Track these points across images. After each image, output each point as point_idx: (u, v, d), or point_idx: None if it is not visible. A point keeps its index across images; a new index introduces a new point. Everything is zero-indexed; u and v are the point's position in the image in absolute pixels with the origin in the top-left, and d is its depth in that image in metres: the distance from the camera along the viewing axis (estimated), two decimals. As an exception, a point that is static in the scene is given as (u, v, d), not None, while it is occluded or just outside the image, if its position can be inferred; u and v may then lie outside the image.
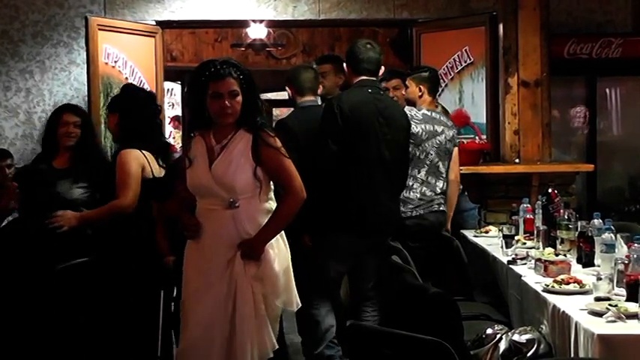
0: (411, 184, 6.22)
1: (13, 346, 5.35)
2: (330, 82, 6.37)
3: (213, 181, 4.24)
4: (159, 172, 5.41)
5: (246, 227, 4.26)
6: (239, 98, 4.25)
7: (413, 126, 6.13)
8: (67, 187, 5.46)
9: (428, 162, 6.36)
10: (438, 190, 6.42)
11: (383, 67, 5.78)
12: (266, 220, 4.30)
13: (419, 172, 6.34)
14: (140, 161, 5.34)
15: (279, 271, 4.32)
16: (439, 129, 6.44)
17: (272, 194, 4.41)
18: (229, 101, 4.23)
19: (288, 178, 4.33)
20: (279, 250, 4.36)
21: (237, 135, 4.30)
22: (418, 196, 6.30)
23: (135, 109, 5.48)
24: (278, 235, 4.37)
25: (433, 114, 6.47)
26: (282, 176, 4.34)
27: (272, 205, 4.37)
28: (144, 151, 5.37)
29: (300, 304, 4.54)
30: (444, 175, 6.48)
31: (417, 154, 6.30)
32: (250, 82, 4.32)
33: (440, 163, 6.45)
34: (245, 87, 4.28)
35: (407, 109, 6.33)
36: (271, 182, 4.40)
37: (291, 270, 4.46)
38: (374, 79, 5.66)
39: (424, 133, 6.31)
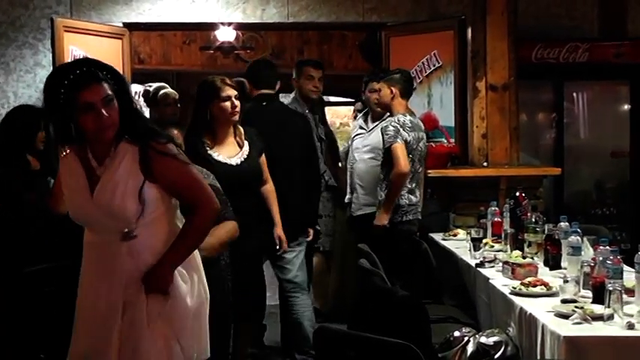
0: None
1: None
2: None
3: (98, 211, 3.40)
4: None
5: (148, 260, 3.44)
6: (115, 104, 3.35)
7: (406, 134, 6.24)
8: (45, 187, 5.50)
9: (414, 170, 6.40)
10: (419, 197, 6.47)
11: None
12: None
13: (408, 181, 6.37)
14: None
15: (192, 309, 3.55)
16: (421, 135, 6.47)
17: (179, 213, 3.64)
18: (106, 110, 3.31)
19: (194, 188, 3.53)
20: (192, 284, 3.59)
21: (118, 150, 3.41)
22: (407, 202, 6.36)
23: None
24: (192, 268, 3.62)
25: (415, 120, 6.50)
26: (185, 188, 3.51)
27: (180, 226, 3.59)
28: None
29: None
30: (421, 181, 6.53)
31: (409, 163, 6.33)
32: (122, 82, 3.46)
33: (420, 169, 6.50)
34: (117, 88, 3.38)
35: (395, 117, 6.34)
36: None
37: (207, 311, 3.69)
38: (272, 92, 6.21)
39: (414, 141, 6.34)
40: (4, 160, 5.65)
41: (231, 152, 5.33)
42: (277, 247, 5.77)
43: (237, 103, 5.32)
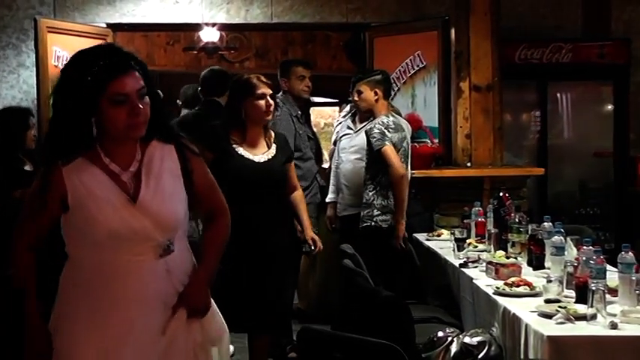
0: (388, 193, 6.25)
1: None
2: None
3: (147, 220, 2.93)
4: None
5: (181, 278, 3.06)
6: (147, 99, 2.93)
7: (391, 135, 6.17)
8: None
9: None
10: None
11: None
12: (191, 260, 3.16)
13: None
14: None
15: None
16: (404, 135, 6.43)
17: None
18: (142, 104, 2.89)
19: (218, 192, 3.23)
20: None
21: (153, 150, 3.02)
22: (392, 202, 6.29)
23: None
24: None
25: (397, 119, 6.44)
26: (213, 192, 3.21)
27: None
28: None
29: None
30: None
31: None
32: (149, 74, 3.02)
33: (406, 169, 6.46)
34: (147, 81, 2.96)
35: (379, 119, 6.28)
36: None
37: None
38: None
39: (398, 142, 6.29)
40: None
41: (256, 151, 5.16)
42: (312, 247, 5.51)
43: (271, 101, 5.14)
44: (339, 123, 7.33)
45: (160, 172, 2.98)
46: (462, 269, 5.22)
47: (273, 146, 5.23)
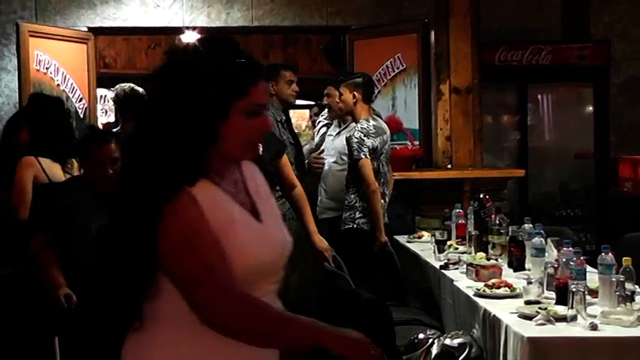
0: None
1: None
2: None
3: (275, 245, 2.42)
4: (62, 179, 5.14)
5: None
6: None
7: (371, 141, 6.15)
8: None
9: (382, 173, 6.35)
10: (385, 200, 6.45)
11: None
12: None
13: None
14: (32, 169, 5.12)
15: None
16: (385, 137, 6.41)
17: None
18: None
19: None
20: None
21: (247, 168, 2.48)
22: (370, 216, 6.26)
23: (42, 119, 5.41)
24: None
25: (378, 123, 6.42)
26: None
27: None
28: (41, 158, 5.17)
29: None
30: (388, 182, 6.51)
31: (377, 166, 6.27)
32: None
33: (388, 171, 6.47)
34: None
35: (358, 125, 6.26)
36: None
37: None
38: None
39: (380, 145, 6.28)
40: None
41: None
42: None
43: None
44: (324, 124, 7.32)
45: (266, 193, 2.49)
46: (443, 271, 5.24)
47: (259, 147, 5.10)
